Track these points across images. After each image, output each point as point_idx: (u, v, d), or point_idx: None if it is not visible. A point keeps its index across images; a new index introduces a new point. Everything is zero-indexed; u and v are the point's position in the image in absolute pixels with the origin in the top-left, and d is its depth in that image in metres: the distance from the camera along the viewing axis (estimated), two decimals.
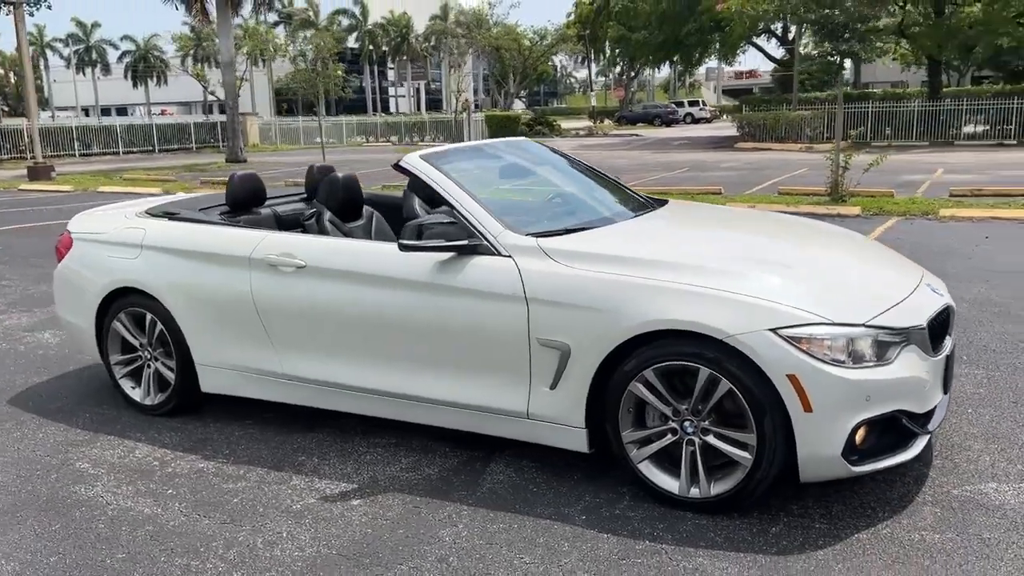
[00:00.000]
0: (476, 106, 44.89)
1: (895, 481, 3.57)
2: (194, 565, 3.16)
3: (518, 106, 50.66)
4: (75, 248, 5.00)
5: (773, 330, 3.11)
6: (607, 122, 54.25)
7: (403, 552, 3.18)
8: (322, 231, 4.47)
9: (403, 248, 3.73)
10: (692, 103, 60.82)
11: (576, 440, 3.58)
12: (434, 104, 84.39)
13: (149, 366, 4.76)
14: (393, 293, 3.88)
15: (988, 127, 30.46)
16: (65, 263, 5.05)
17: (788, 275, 3.49)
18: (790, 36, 34.53)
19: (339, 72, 40.79)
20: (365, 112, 67.21)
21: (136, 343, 4.77)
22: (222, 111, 66.22)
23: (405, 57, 79.22)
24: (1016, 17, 27.13)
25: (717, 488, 3.31)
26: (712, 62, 44.37)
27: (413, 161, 4.08)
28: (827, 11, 21.44)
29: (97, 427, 4.63)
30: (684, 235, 4.29)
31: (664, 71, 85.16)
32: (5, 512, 3.67)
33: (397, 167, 4.13)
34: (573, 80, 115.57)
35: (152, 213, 4.94)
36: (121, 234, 4.79)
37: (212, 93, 39.09)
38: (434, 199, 5.07)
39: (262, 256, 4.24)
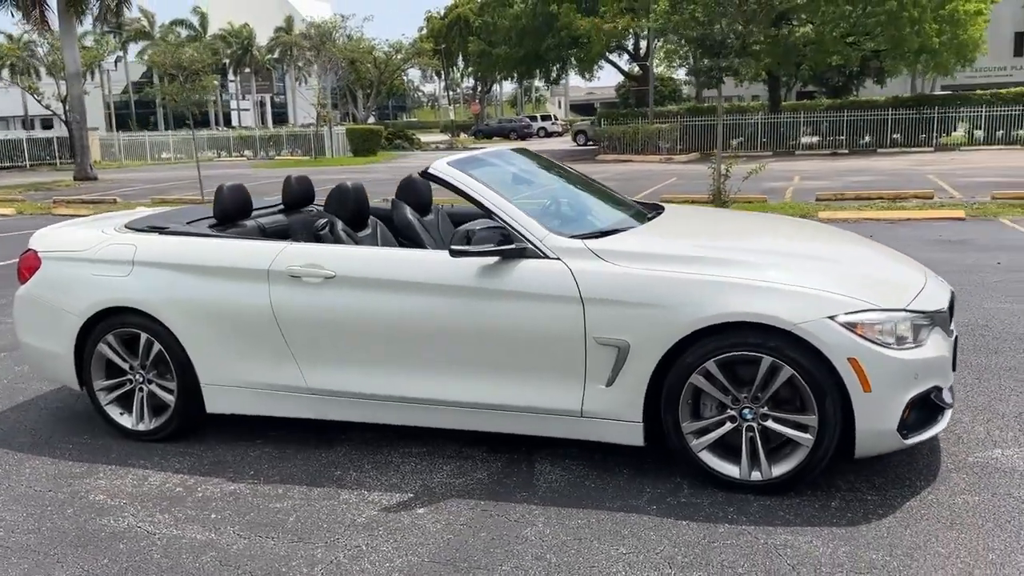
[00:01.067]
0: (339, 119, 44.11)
1: (915, 454, 3.91)
2: None
3: (368, 120, 50.21)
4: (45, 268, 4.66)
5: (831, 317, 3.37)
6: (463, 136, 54.66)
7: (496, 554, 3.21)
8: (337, 241, 4.39)
9: (454, 254, 3.76)
10: (544, 118, 62.31)
11: (632, 434, 3.71)
12: (280, 118, 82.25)
13: (141, 390, 4.51)
14: (438, 300, 3.88)
15: (820, 138, 33.01)
16: (32, 285, 4.69)
17: (825, 267, 3.77)
18: (641, 53, 36.19)
19: (214, 83, 39.10)
20: (208, 126, 64.61)
21: (125, 366, 4.50)
22: (45, 126, 61.72)
23: (248, 69, 76.87)
24: (844, 37, 29.55)
25: (778, 470, 3.53)
26: (576, 77, 45.49)
27: (444, 169, 4.10)
28: (706, 29, 22.66)
29: (89, 457, 4.34)
30: (710, 234, 4.50)
31: (509, 86, 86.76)
32: (37, 552, 3.40)
33: (426, 174, 4.13)
34: (421, 94, 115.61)
35: (135, 228, 4.68)
36: (106, 251, 4.51)
37: (48, 107, 36.48)
38: (426, 207, 5.13)
39: (283, 268, 4.13)
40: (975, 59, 30.48)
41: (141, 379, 4.50)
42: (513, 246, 3.78)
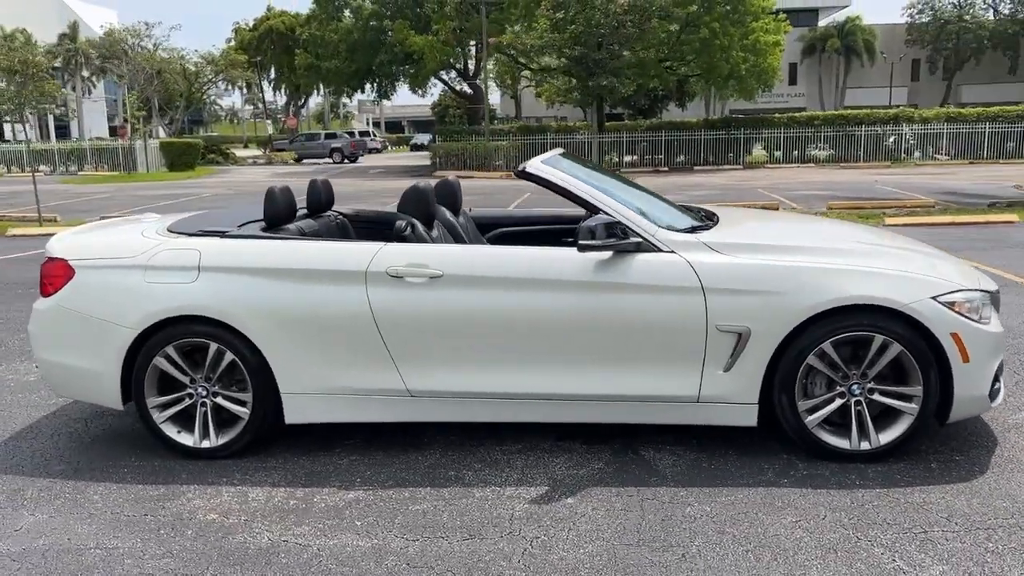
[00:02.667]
0: (150, 133, 41.30)
1: (961, 422, 4.42)
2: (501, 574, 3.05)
3: (161, 134, 47.61)
4: (81, 278, 4.26)
5: (933, 298, 3.80)
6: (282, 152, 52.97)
7: (678, 532, 3.35)
8: (420, 240, 4.34)
9: (582, 248, 3.87)
10: (363, 134, 61.59)
11: (747, 416, 3.97)
12: (62, 132, 76.01)
13: (204, 404, 4.22)
14: (556, 295, 3.96)
15: (637, 157, 35.05)
16: (63, 297, 4.27)
17: (905, 255, 4.21)
18: (470, 72, 36.86)
19: (56, 88, 35.32)
20: None
21: (185, 379, 4.21)
22: None
23: (19, 78, 70.48)
24: (662, 61, 31.66)
25: (885, 438, 3.90)
26: (406, 92, 45.34)
27: (541, 169, 4.20)
28: (585, 50, 23.39)
29: (156, 479, 4.02)
30: (792, 228, 4.83)
31: (313, 102, 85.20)
32: (190, 575, 3.16)
33: (524, 174, 4.20)
34: (219, 108, 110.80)
35: (183, 231, 4.38)
36: (163, 256, 4.20)
37: None
38: (458, 209, 5.17)
39: (382, 269, 4.05)
40: (774, 85, 33.62)
41: (205, 393, 4.21)
42: (631, 240, 3.94)
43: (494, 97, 58.33)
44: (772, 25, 32.03)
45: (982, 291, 3.98)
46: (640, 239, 3.97)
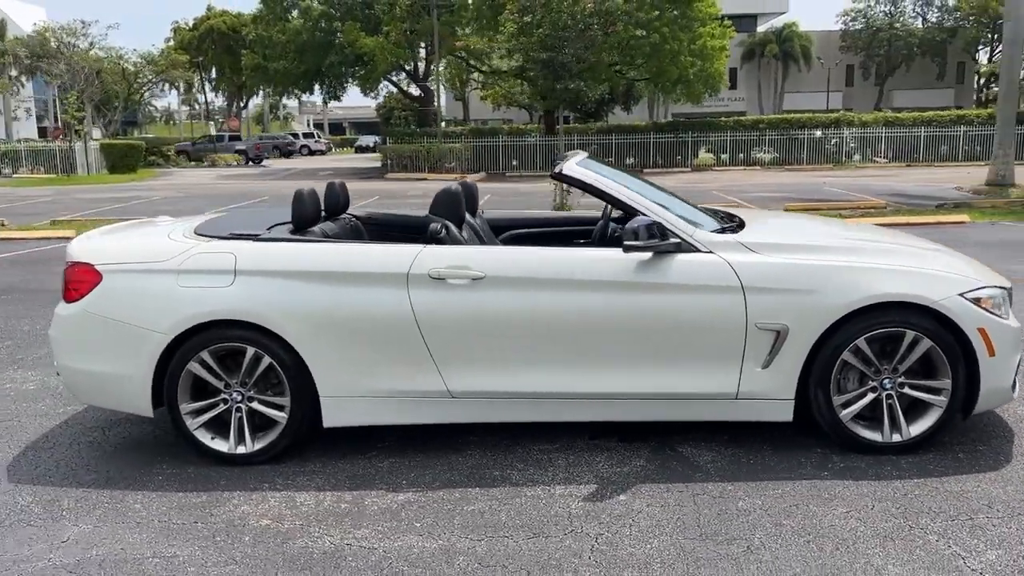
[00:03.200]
0: (79, 133, 40.05)
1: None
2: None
3: (97, 135, 46.45)
4: (110, 282, 4.17)
5: (961, 294, 3.97)
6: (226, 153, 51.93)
7: (737, 524, 3.43)
8: (455, 242, 4.35)
9: (627, 249, 3.95)
10: (307, 135, 60.91)
11: (783, 412, 4.08)
12: None
13: (239, 409, 4.17)
14: (599, 295, 4.02)
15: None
16: (90, 302, 4.17)
17: (928, 255, 4.37)
18: (420, 74, 36.76)
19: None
20: None
21: (219, 384, 4.15)
22: None
23: None
24: (612, 65, 32.02)
25: (915, 430, 4.05)
26: (348, 94, 44.37)
27: (577, 171, 4.27)
28: (552, 53, 23.44)
29: (195, 486, 3.96)
30: (812, 229, 4.95)
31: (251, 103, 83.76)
32: None
33: (560, 176, 4.26)
34: (153, 109, 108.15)
35: (214, 235, 4.32)
36: (197, 260, 4.14)
37: None
38: (474, 210, 5.21)
39: (423, 271, 4.05)
40: (720, 89, 34.29)
41: (240, 398, 4.16)
42: (671, 241, 4.02)
43: (441, 99, 58.21)
44: (718, 31, 32.67)
45: (1001, 287, 4.17)
46: (679, 240, 4.06)
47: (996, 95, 59.35)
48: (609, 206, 5.26)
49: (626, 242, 3.95)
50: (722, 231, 4.32)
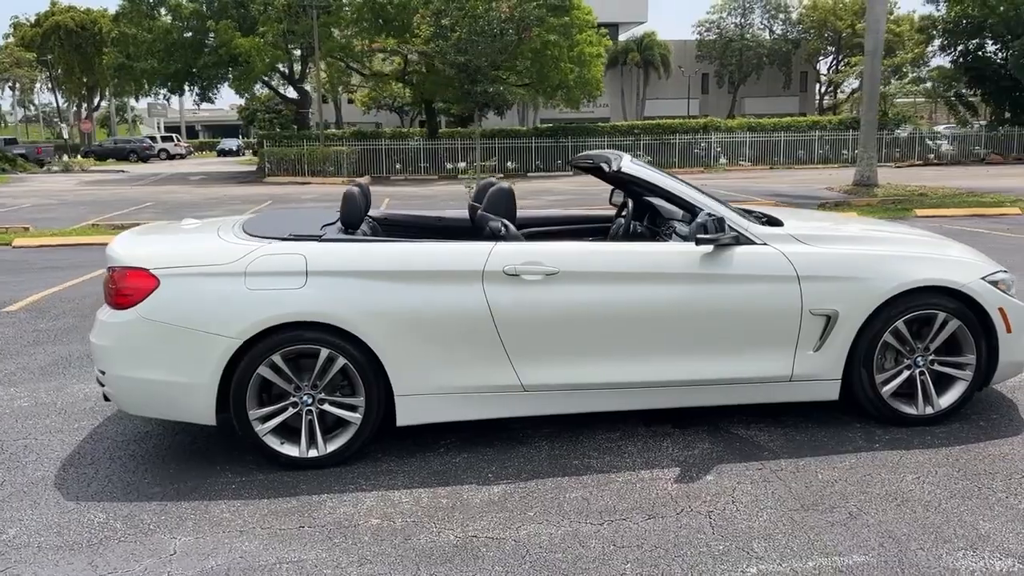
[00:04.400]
0: None
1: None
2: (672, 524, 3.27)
3: None
4: (169, 287, 4.01)
5: (983, 278, 4.41)
6: (78, 156, 48.92)
7: (832, 495, 3.70)
8: (514, 239, 4.43)
9: (699, 242, 4.17)
10: (166, 138, 58.14)
11: (831, 391, 4.41)
12: None
13: (310, 412, 4.11)
14: (663, 287, 4.22)
15: (467, 164, 35.62)
16: (148, 308, 3.99)
17: (943, 243, 4.80)
18: (296, 76, 35.87)
19: None
20: None
21: (289, 388, 4.07)
22: None
23: None
24: (496, 69, 32.36)
25: (944, 402, 4.47)
26: (231, 94, 42.31)
27: (636, 169, 4.46)
28: (469, 57, 23.16)
29: (275, 491, 3.88)
30: (839, 223, 5.29)
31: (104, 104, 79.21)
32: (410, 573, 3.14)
33: (621, 174, 4.43)
34: None
35: (268, 235, 4.23)
36: (263, 262, 4.05)
37: None
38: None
39: (498, 268, 4.13)
40: (598, 95, 35.33)
41: (310, 400, 4.10)
42: (732, 234, 4.27)
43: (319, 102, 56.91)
44: (595, 38, 33.67)
45: (1006, 272, 4.65)
46: (737, 233, 4.31)
47: (836, 103, 63.82)
48: (629, 204, 5.50)
49: (699, 236, 4.17)
50: (770, 224, 4.60)
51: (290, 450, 4.10)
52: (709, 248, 4.26)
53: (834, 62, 63.80)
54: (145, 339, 4.02)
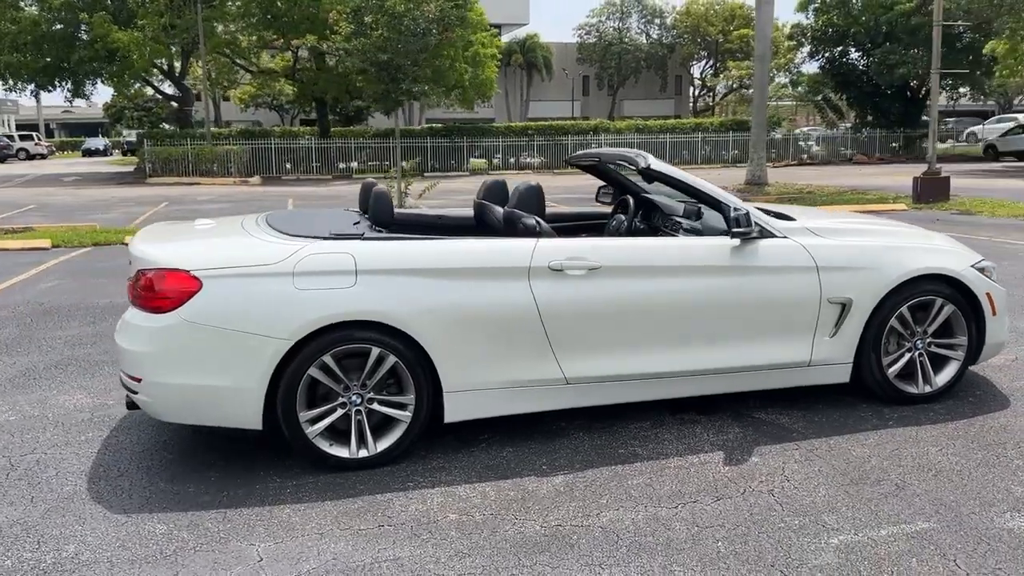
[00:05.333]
0: None
1: None
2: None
3: None
4: (214, 289, 3.89)
5: (972, 266, 4.81)
6: None
7: (871, 469, 3.97)
8: (548, 236, 4.50)
9: (735, 236, 4.39)
10: (25, 137, 54.49)
11: (843, 374, 4.71)
12: None
13: (359, 412, 4.07)
14: (698, 280, 4.41)
15: (358, 163, 35.20)
16: (193, 311, 3.86)
17: (928, 234, 5.18)
18: (177, 74, 34.41)
19: None
20: None
21: (338, 388, 4.02)
22: None
23: None
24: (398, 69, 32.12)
25: (940, 381, 4.84)
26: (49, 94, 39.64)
27: (664, 167, 4.62)
28: (391, 56, 22.46)
29: (340, 495, 3.83)
30: (839, 217, 5.60)
31: None
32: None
33: (649, 171, 4.58)
34: None
35: (302, 234, 4.16)
36: (311, 261, 3.98)
37: None
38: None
39: (543, 264, 4.21)
40: (491, 96, 35.56)
41: (359, 400, 4.06)
42: (763, 228, 4.51)
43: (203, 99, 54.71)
44: (488, 39, 33.89)
45: (989, 260, 5.09)
46: (761, 227, 4.54)
47: (709, 106, 66.41)
48: (630, 201, 5.66)
49: (735, 229, 4.37)
50: (781, 218, 4.86)
51: (339, 451, 4.05)
52: (737, 242, 4.47)
53: (707, 66, 66.38)
54: (189, 343, 3.88)
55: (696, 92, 68.88)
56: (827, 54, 41.06)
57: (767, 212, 5.19)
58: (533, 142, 35.76)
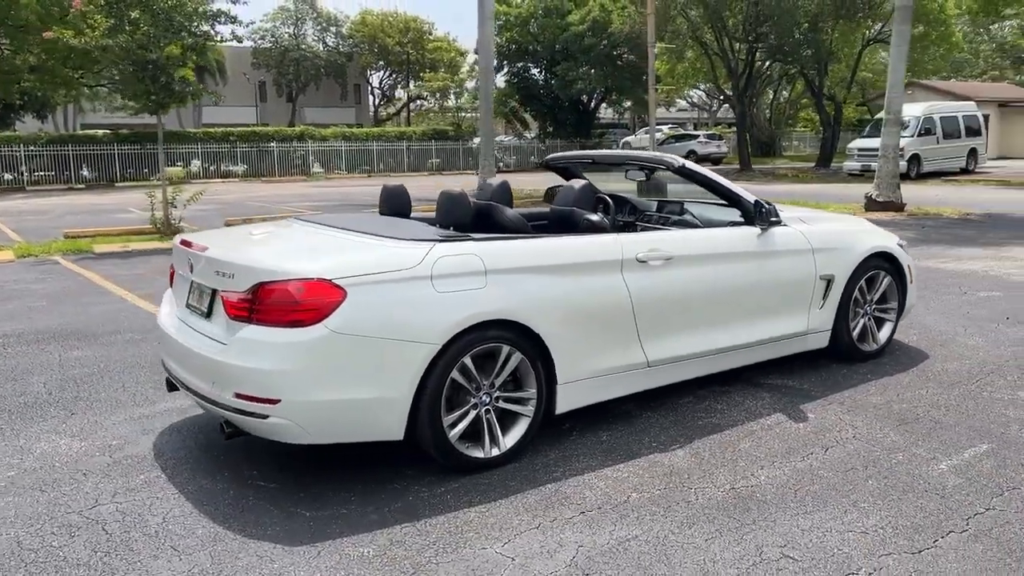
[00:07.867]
0: None
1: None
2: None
3: None
4: (359, 298, 3.67)
5: (898, 243, 5.92)
6: None
7: (902, 414, 4.78)
8: (608, 229, 4.77)
9: (769, 225, 5.01)
10: None
11: (825, 340, 5.55)
12: None
13: (488, 411, 4.07)
14: (740, 265, 5.00)
15: (19, 174, 31.26)
16: (340, 322, 3.61)
17: (853, 218, 6.20)
18: None
19: None
20: None
21: (472, 389, 4.00)
22: None
23: None
24: (77, 69, 28.71)
25: (881, 339, 5.88)
26: None
27: (695, 167, 5.12)
28: (149, 52, 18.90)
29: (472, 499, 3.83)
30: (800, 210, 6.36)
31: None
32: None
33: (685, 171, 5.05)
34: None
35: (402, 237, 4.09)
36: (444, 264, 3.90)
37: None
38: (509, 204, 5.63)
39: (631, 256, 4.51)
40: (200, 98, 33.18)
41: (488, 399, 4.06)
42: (779, 216, 5.20)
43: None
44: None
45: None
46: (777, 217, 5.24)
47: (391, 114, 67.60)
48: (609, 201, 6.06)
49: (771, 219, 5.03)
50: None
51: (475, 452, 4.02)
52: (759, 230, 5.11)
53: (386, 76, 67.57)
54: (338, 356, 3.63)
55: (377, 101, 69.83)
56: (511, 68, 44.01)
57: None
58: (236, 149, 34.17)
